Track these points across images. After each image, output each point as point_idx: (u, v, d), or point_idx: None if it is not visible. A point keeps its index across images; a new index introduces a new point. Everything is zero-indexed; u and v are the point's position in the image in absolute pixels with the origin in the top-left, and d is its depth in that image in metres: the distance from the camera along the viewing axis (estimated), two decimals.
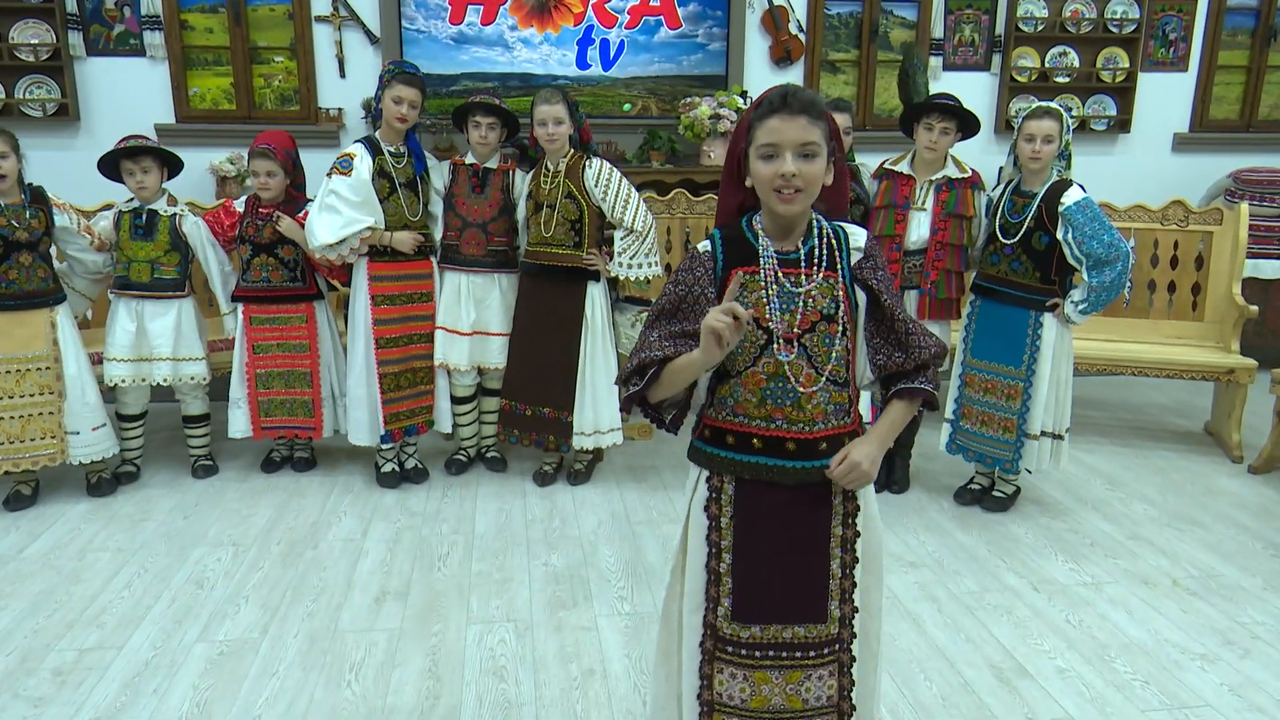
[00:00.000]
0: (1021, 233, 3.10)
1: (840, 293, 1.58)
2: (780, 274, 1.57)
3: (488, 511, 3.28)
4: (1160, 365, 3.92)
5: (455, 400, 3.62)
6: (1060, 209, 3.03)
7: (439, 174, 3.47)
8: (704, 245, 1.62)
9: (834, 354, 1.57)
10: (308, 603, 2.62)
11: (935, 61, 5.17)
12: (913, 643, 2.48)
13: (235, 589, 2.70)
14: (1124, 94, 5.27)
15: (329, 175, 3.20)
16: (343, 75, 4.83)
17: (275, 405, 3.49)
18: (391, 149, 3.30)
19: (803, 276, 1.57)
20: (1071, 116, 5.25)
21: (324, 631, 2.48)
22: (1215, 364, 3.90)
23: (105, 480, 3.39)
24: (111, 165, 3.34)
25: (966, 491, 3.41)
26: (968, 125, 3.22)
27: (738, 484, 1.62)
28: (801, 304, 1.56)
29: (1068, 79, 5.23)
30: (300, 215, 3.34)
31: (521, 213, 3.47)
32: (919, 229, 3.26)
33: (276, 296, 3.44)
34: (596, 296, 3.39)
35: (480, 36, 4.86)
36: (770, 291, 1.56)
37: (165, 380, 3.40)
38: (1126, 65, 5.21)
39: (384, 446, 3.43)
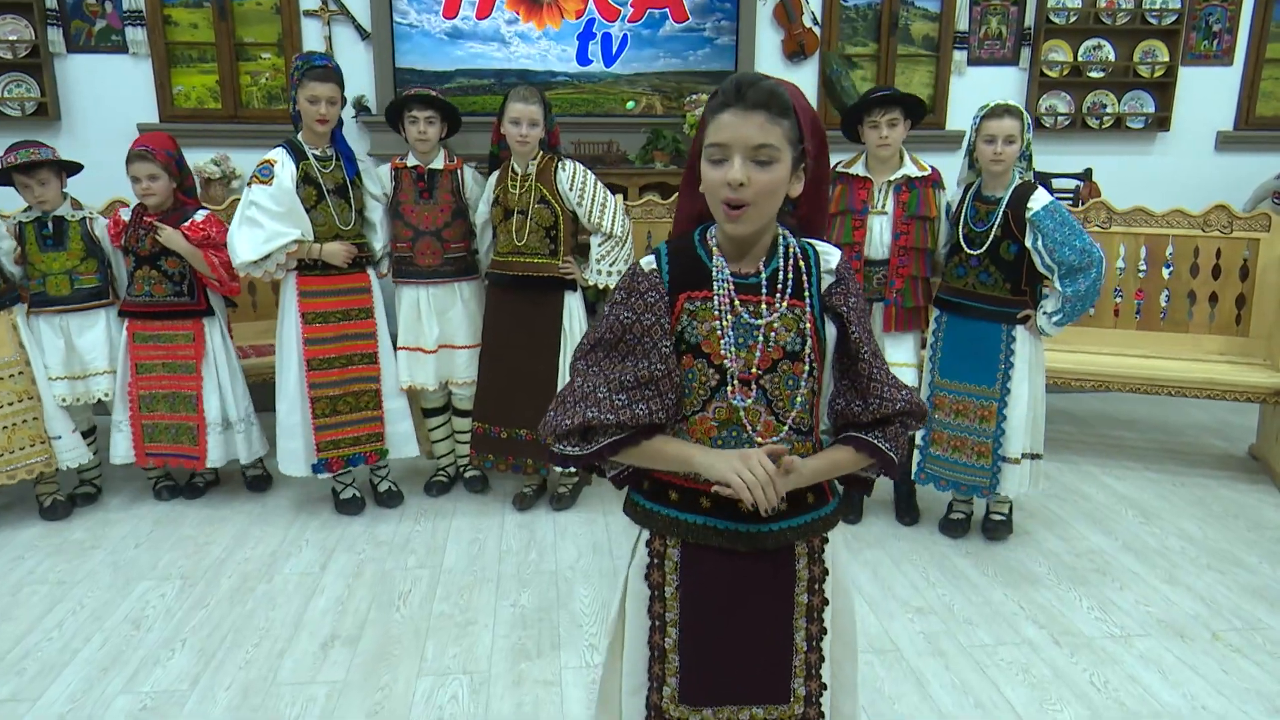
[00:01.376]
0: (988, 242, 2.84)
1: (808, 325, 1.32)
2: (737, 301, 1.31)
3: (460, 541, 3.04)
4: (1201, 385, 3.59)
5: (426, 413, 3.39)
6: (1028, 214, 2.78)
7: (373, 178, 3.21)
8: (648, 261, 1.36)
9: (798, 398, 1.31)
10: (248, 648, 2.40)
11: (959, 56, 4.86)
12: (914, 707, 2.20)
13: (174, 630, 2.48)
14: (1163, 90, 4.91)
15: (248, 185, 2.96)
16: None
17: (160, 430, 3.23)
18: (317, 152, 3.04)
19: (764, 305, 1.31)
20: (1106, 115, 4.95)
21: (260, 683, 2.25)
22: (1261, 384, 3.56)
23: (60, 503, 3.20)
24: (3, 175, 3.07)
25: (952, 523, 3.14)
26: (914, 110, 2.95)
27: (684, 548, 1.37)
28: (762, 338, 1.30)
29: (1102, 74, 4.89)
30: (187, 225, 3.07)
31: (482, 217, 3.22)
32: (880, 235, 2.99)
33: (160, 312, 3.17)
34: (574, 307, 3.15)
35: (475, 31, 4.63)
36: (724, 323, 1.30)
37: (107, 395, 3.20)
38: (1166, 59, 4.86)
39: (319, 477, 3.17)
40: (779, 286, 1.32)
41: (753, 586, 1.35)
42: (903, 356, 3.05)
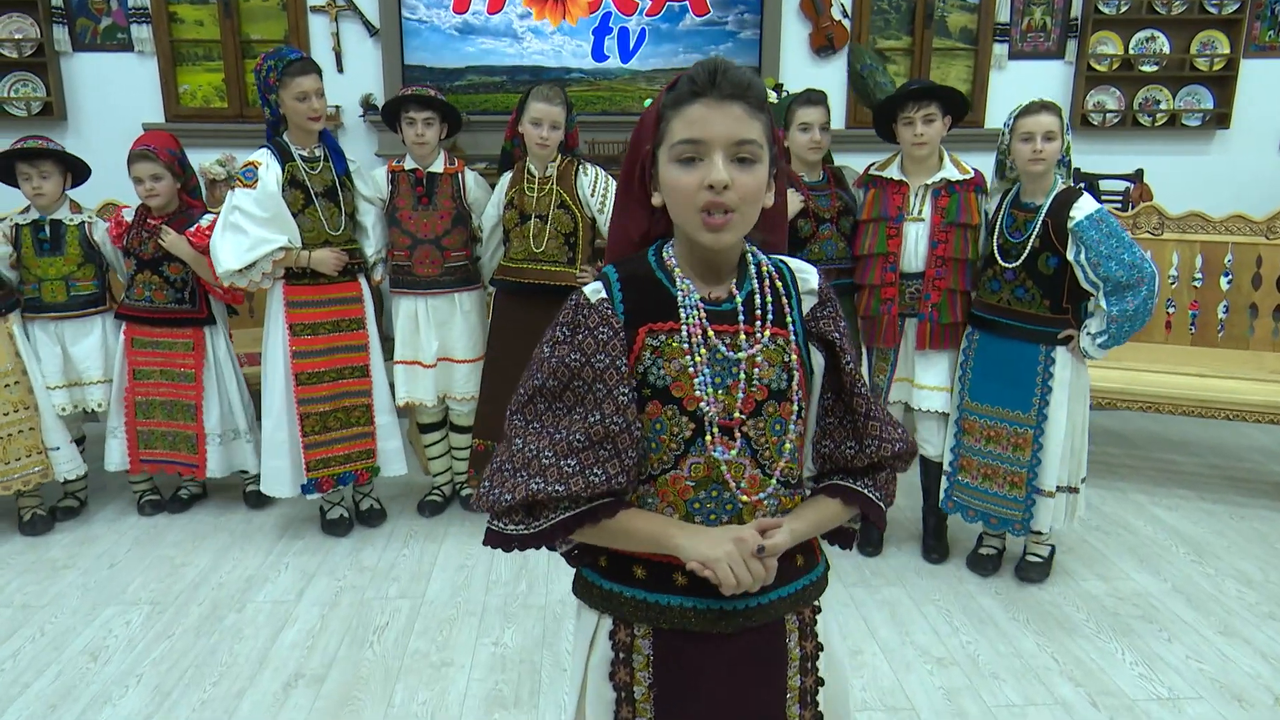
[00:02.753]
0: (1025, 254, 2.56)
1: (793, 357, 1.11)
2: (710, 332, 1.09)
3: (447, 569, 2.85)
4: (1262, 408, 3.27)
5: (423, 429, 3.21)
6: (1070, 224, 2.51)
7: (364, 178, 3.03)
8: (594, 289, 1.12)
9: (787, 445, 1.11)
10: (207, 686, 2.24)
11: (1000, 50, 4.56)
12: None
13: (133, 663, 2.33)
14: (1223, 84, 4.56)
15: (231, 188, 2.79)
16: (340, 70, 4.48)
17: (156, 437, 3.10)
18: (304, 152, 2.86)
19: (742, 336, 1.10)
20: (1160, 111, 4.61)
21: None
22: None
23: (40, 517, 3.08)
24: (5, 167, 2.96)
25: (981, 559, 2.87)
26: (953, 106, 2.68)
27: (656, 636, 1.14)
28: (743, 376, 1.09)
29: (1156, 67, 4.55)
30: (192, 230, 2.93)
31: (490, 220, 3.03)
32: (917, 244, 2.72)
33: (160, 319, 3.04)
34: None
35: (487, 26, 4.45)
36: (698, 359, 1.08)
37: (100, 405, 3.07)
38: (1226, 51, 4.50)
39: (309, 498, 3.01)
40: (758, 313, 1.11)
41: (739, 675, 1.14)
42: (935, 379, 2.79)
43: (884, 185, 2.76)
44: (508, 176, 2.98)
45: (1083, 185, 4.55)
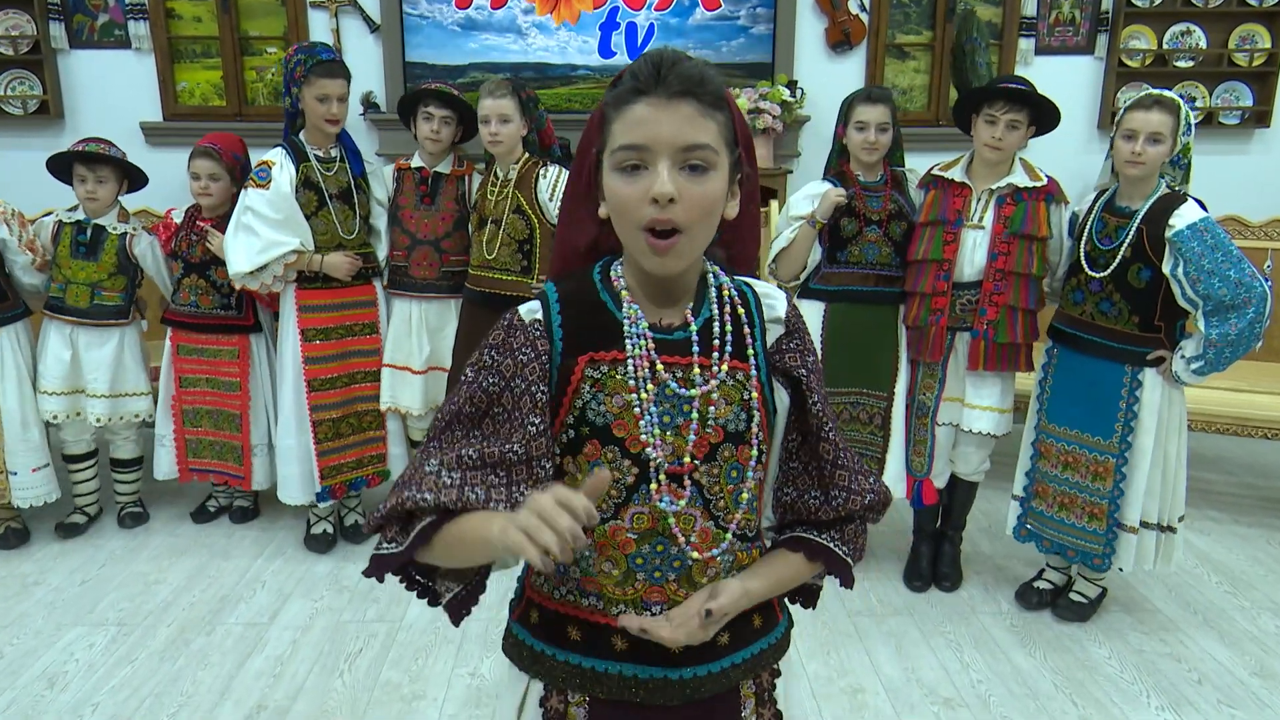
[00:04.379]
0: (1115, 264, 2.33)
1: (754, 395, 0.96)
2: (659, 365, 0.95)
3: None
4: None
5: (414, 445, 3.09)
6: (1169, 234, 2.25)
7: (380, 181, 2.92)
8: (530, 309, 0.99)
9: (744, 494, 0.96)
10: (164, 718, 2.12)
11: (1026, 44, 4.35)
12: None
13: (90, 691, 2.22)
14: (1263, 80, 4.31)
15: (244, 189, 2.69)
16: None
17: (204, 445, 3.01)
18: (319, 153, 2.76)
19: (696, 370, 0.95)
20: (1195, 109, 4.37)
21: None
22: None
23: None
24: (64, 165, 2.88)
25: (1033, 591, 2.66)
26: (1044, 117, 2.45)
27: (592, 705, 1.00)
28: (696, 416, 0.94)
29: (1191, 63, 4.32)
30: None
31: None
32: (974, 252, 2.51)
33: (206, 325, 2.94)
34: None
35: (490, 22, 4.32)
36: (643, 395, 0.94)
37: (99, 420, 2.95)
38: (1267, 45, 4.26)
39: (321, 505, 2.90)
40: (715, 343, 0.96)
41: None
42: (986, 399, 2.58)
43: (945, 187, 2.55)
44: (480, 179, 2.85)
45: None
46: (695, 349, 0.96)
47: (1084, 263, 2.40)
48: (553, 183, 2.72)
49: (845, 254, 2.60)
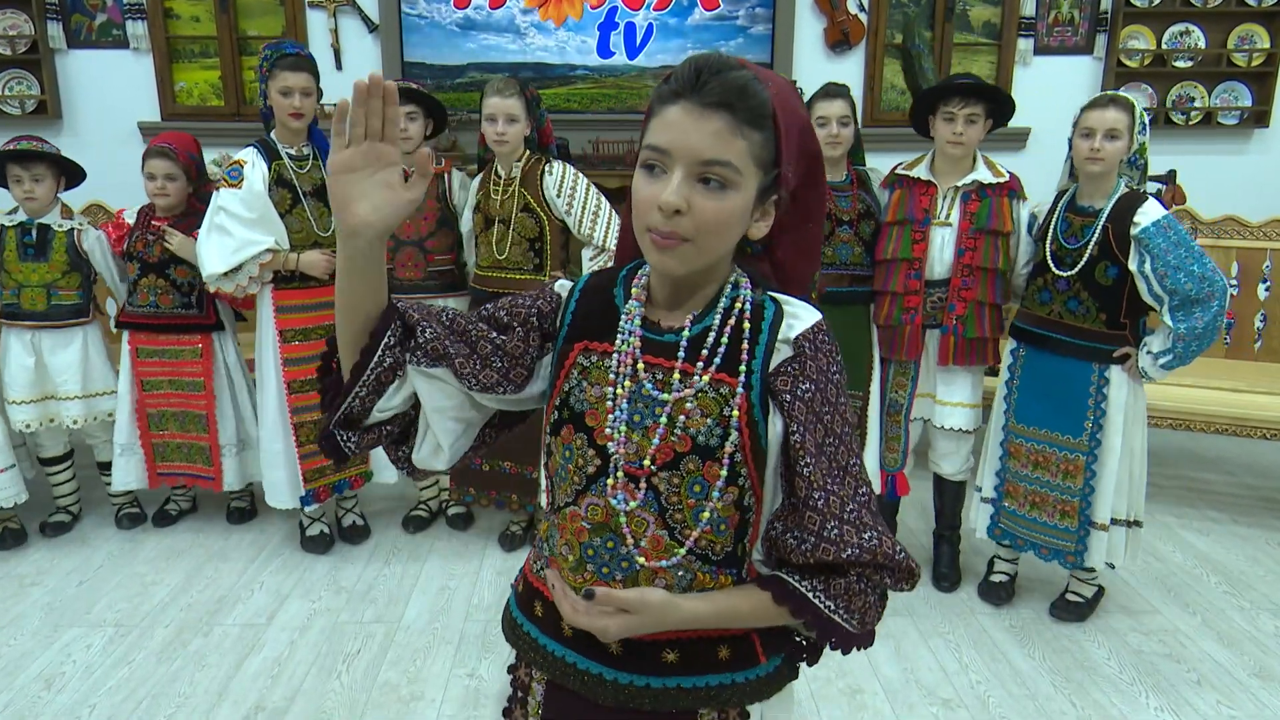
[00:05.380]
0: (1083, 262, 2.36)
1: (737, 413, 0.92)
2: (641, 364, 0.94)
3: (427, 591, 2.71)
4: None
5: None
6: (1134, 231, 2.29)
7: None
8: (562, 284, 1.03)
9: (706, 514, 0.92)
10: (160, 719, 2.11)
11: (1024, 45, 4.35)
12: None
13: (86, 692, 2.21)
14: (1262, 80, 4.31)
15: (216, 188, 2.67)
16: (339, 67, 4.37)
17: (171, 449, 2.98)
18: (291, 151, 2.74)
19: (677, 375, 0.94)
20: (1194, 109, 4.37)
21: None
22: None
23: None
24: None
25: (994, 587, 2.68)
26: (1000, 108, 2.49)
27: (548, 687, 1.03)
28: (665, 420, 0.93)
29: (1190, 63, 4.32)
30: (195, 233, 2.82)
31: (466, 226, 2.89)
32: (943, 250, 2.54)
33: (166, 325, 2.91)
34: None
35: (489, 22, 4.31)
36: (619, 391, 0.94)
37: (76, 422, 2.94)
38: (1266, 45, 4.26)
39: (308, 509, 2.89)
40: (707, 351, 0.94)
41: None
42: (958, 395, 2.61)
43: (911, 186, 2.57)
44: (478, 179, 2.84)
45: (1159, 188, 4.35)
46: (681, 354, 0.94)
47: (1050, 262, 2.43)
48: (559, 180, 2.72)
49: None
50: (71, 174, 2.92)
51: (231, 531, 3.10)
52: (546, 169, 2.72)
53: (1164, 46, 4.30)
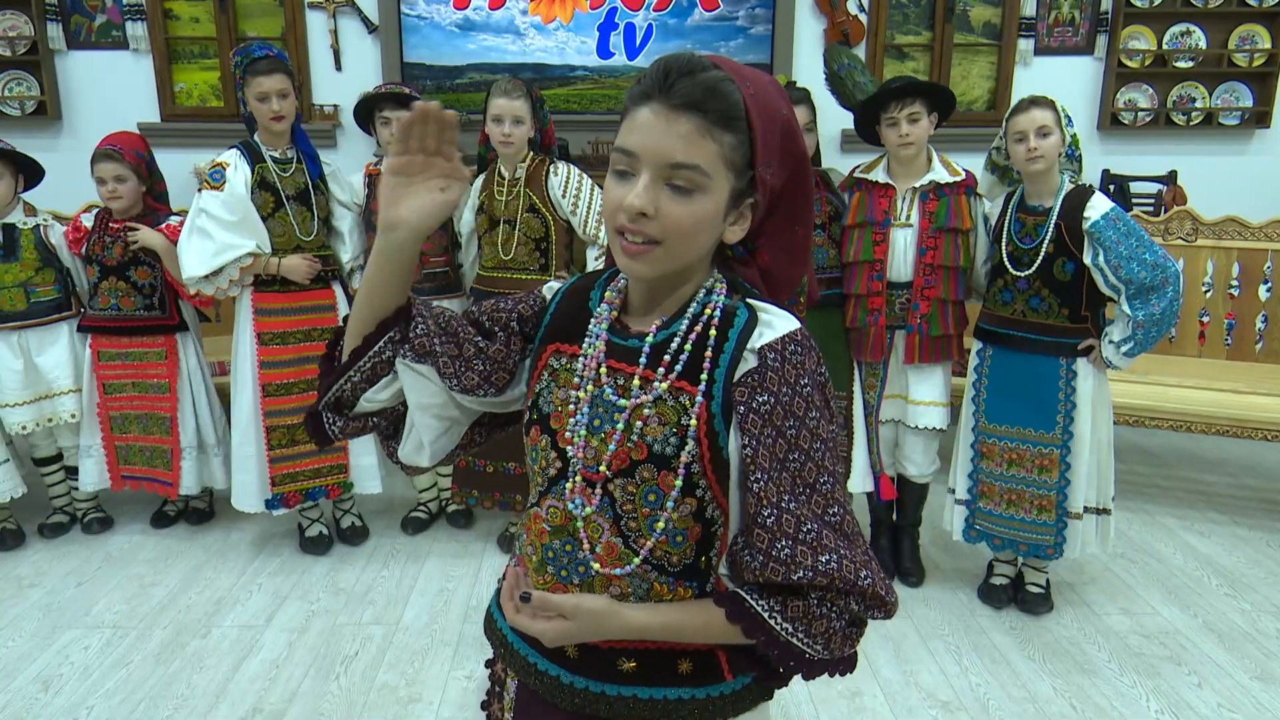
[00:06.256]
0: (1039, 261, 2.39)
1: (695, 422, 0.90)
2: (604, 369, 0.94)
3: (426, 592, 2.71)
4: None
5: (396, 459, 3.07)
6: (1085, 225, 2.34)
7: (340, 183, 2.89)
8: (549, 287, 1.05)
9: (661, 523, 0.90)
10: None
11: (1025, 45, 4.34)
12: None
13: (84, 694, 2.21)
14: (1263, 81, 4.31)
15: (198, 190, 2.65)
16: (338, 68, 4.37)
17: (134, 452, 2.97)
18: (275, 154, 2.72)
19: (636, 381, 0.92)
20: (1195, 110, 4.36)
21: None
22: None
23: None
24: None
25: (994, 590, 2.68)
26: (940, 103, 2.51)
27: (519, 687, 1.03)
28: (622, 426, 0.91)
29: (1191, 63, 4.31)
30: (165, 226, 2.81)
31: (467, 226, 2.88)
32: (905, 251, 2.54)
33: (128, 327, 2.89)
34: None
35: (488, 23, 4.31)
36: (582, 394, 0.94)
37: (74, 416, 2.93)
38: (1267, 46, 4.26)
39: (274, 514, 2.87)
40: (669, 358, 0.92)
41: None
42: (928, 394, 2.61)
43: (870, 188, 2.58)
44: (480, 180, 2.83)
45: (1113, 186, 4.34)
46: (642, 360, 0.93)
47: (1008, 263, 2.45)
48: (564, 180, 2.72)
49: None
50: (30, 172, 2.90)
51: (230, 532, 3.09)
52: (551, 169, 2.72)
53: (1165, 47, 4.30)
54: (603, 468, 0.92)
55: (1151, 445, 3.95)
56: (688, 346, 0.92)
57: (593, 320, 0.96)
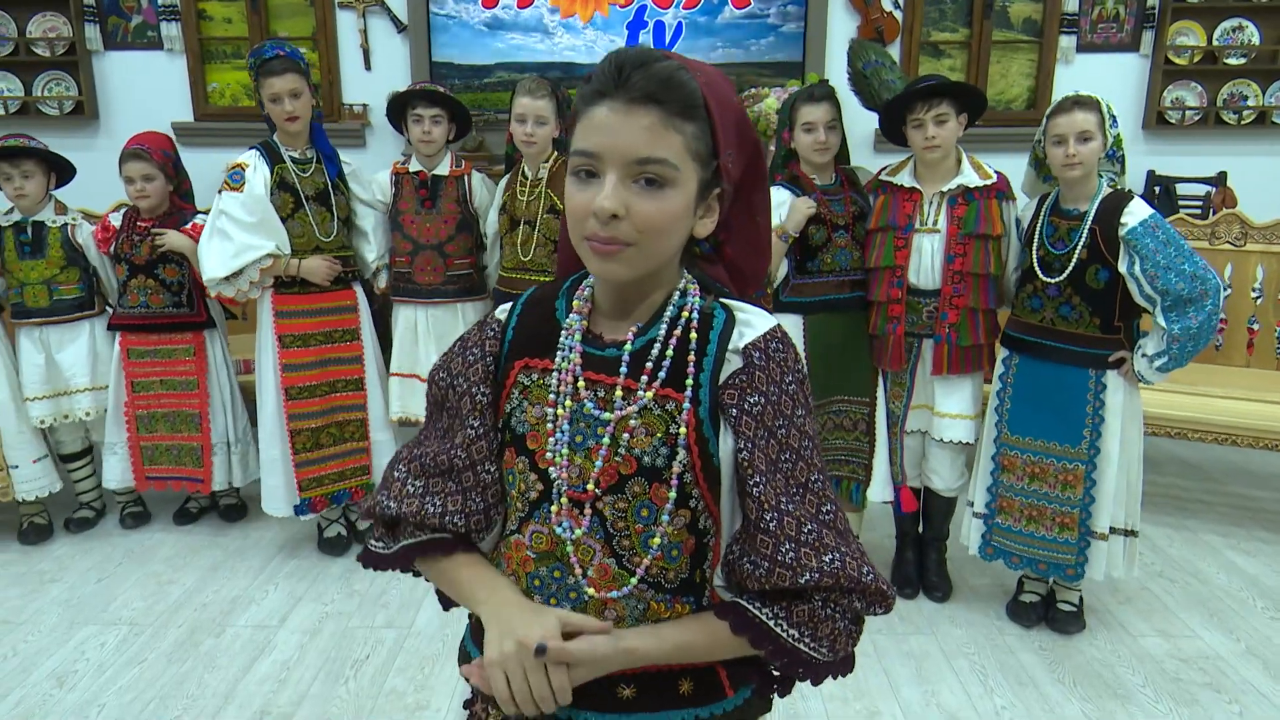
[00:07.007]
0: (1071, 267, 2.28)
1: (683, 430, 0.86)
2: (581, 382, 0.89)
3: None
4: None
5: None
6: (1122, 232, 2.22)
7: (361, 182, 2.87)
8: (504, 308, 0.99)
9: (656, 538, 0.87)
10: None
11: (1067, 42, 4.21)
12: None
13: (97, 692, 2.21)
14: None
15: (218, 192, 2.65)
16: (368, 67, 4.39)
17: (160, 452, 2.98)
18: (294, 154, 2.71)
19: (619, 392, 0.88)
20: (1247, 109, 4.19)
21: None
22: None
23: (37, 526, 3.01)
24: None
25: (1024, 607, 2.57)
26: (970, 104, 2.39)
27: None
28: (608, 440, 0.87)
29: (1243, 60, 4.15)
30: (188, 227, 2.82)
31: (492, 228, 2.85)
32: (931, 258, 2.44)
33: (157, 325, 2.91)
34: None
35: (517, 21, 4.29)
36: (560, 411, 0.89)
37: (89, 414, 2.96)
38: None
39: (302, 519, 2.87)
40: (651, 365, 0.88)
41: None
42: (956, 406, 2.52)
43: (894, 192, 2.48)
44: (505, 180, 2.80)
45: (1158, 188, 4.19)
46: (623, 369, 0.88)
47: (1038, 269, 2.35)
48: None
49: (816, 263, 2.52)
50: (62, 170, 2.93)
51: (250, 531, 3.10)
52: None
53: (1215, 43, 4.14)
54: (591, 486, 0.87)
55: (1194, 458, 3.80)
56: (669, 352, 0.88)
57: (563, 332, 0.92)
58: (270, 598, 2.67)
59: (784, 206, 2.48)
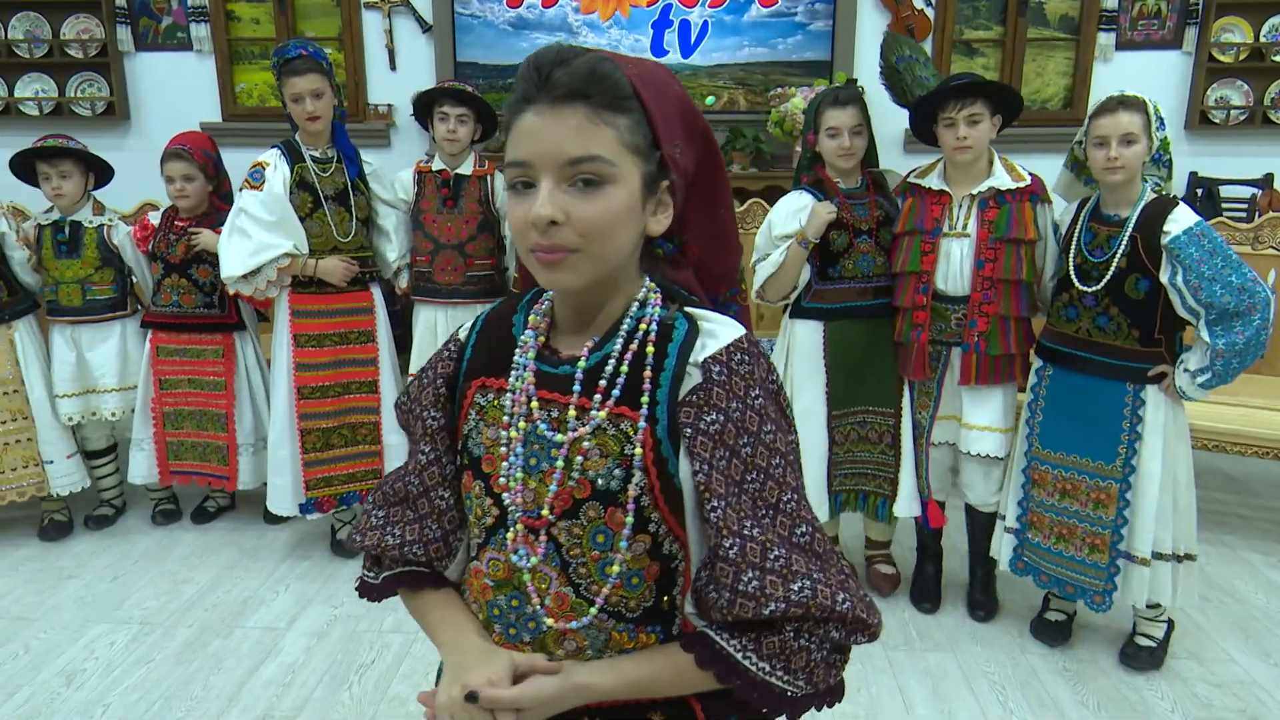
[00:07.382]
0: (1109, 276, 2.16)
1: (640, 450, 0.81)
2: (535, 402, 0.85)
3: None
4: None
5: None
6: (1165, 240, 2.10)
7: (382, 182, 2.86)
8: (464, 328, 0.96)
9: (616, 566, 0.82)
10: None
11: (1105, 39, 4.08)
12: None
13: (103, 691, 2.22)
14: None
15: (239, 190, 2.66)
16: (393, 67, 4.40)
17: (185, 448, 2.99)
18: (315, 153, 2.71)
19: (572, 412, 0.83)
20: (1277, 108, 4.02)
21: None
22: None
23: (57, 523, 3.05)
24: (29, 167, 2.88)
25: (1048, 625, 2.47)
26: (1004, 104, 2.29)
27: None
28: (561, 463, 0.82)
29: None
30: (220, 228, 2.83)
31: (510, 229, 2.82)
32: (961, 263, 2.34)
33: (188, 324, 2.93)
34: None
35: (541, 21, 4.27)
36: (514, 434, 0.85)
37: (114, 414, 2.99)
38: None
39: (308, 518, 2.87)
40: (605, 382, 0.83)
41: None
42: (985, 418, 2.42)
43: (923, 194, 2.40)
44: None
45: (1201, 190, 4.04)
46: (577, 387, 0.83)
47: (1074, 277, 2.23)
48: None
49: (838, 269, 2.45)
50: (100, 171, 2.96)
51: (265, 531, 3.10)
52: None
53: (1262, 39, 3.99)
54: (545, 511, 0.83)
55: (1234, 471, 3.65)
56: (624, 367, 0.82)
57: (517, 350, 0.87)
58: (281, 599, 2.67)
59: (804, 211, 2.41)
